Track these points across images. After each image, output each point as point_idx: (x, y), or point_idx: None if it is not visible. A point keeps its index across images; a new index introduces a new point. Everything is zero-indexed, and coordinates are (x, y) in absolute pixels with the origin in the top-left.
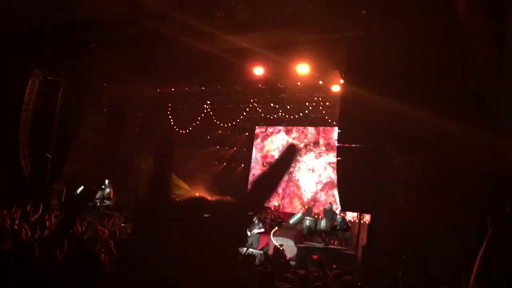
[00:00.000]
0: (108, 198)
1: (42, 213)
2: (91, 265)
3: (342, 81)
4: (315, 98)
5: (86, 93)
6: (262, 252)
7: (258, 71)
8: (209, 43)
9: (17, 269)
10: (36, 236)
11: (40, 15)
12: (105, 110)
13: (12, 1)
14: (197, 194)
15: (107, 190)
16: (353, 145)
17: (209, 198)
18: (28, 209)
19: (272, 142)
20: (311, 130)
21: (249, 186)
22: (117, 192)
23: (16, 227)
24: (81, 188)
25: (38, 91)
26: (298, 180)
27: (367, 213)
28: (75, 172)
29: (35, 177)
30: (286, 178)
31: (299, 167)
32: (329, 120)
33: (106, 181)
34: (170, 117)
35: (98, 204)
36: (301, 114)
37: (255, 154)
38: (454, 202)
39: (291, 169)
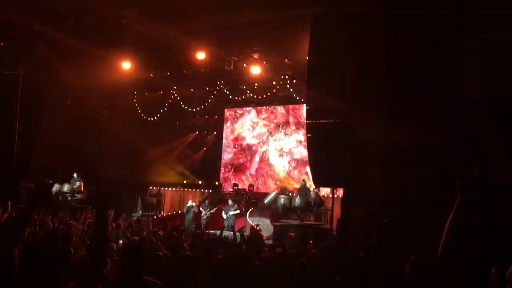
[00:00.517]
0: (79, 192)
1: (11, 212)
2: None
3: (307, 57)
4: (282, 77)
5: (46, 85)
6: (238, 233)
7: (218, 54)
8: (170, 27)
9: None
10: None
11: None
12: (68, 102)
13: None
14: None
15: (77, 183)
16: (322, 121)
17: None
18: None
19: (243, 124)
20: (280, 109)
21: (221, 170)
22: (87, 184)
23: None
24: (66, 185)
25: None
26: (270, 160)
27: (340, 187)
28: (42, 167)
29: (1, 174)
30: (257, 159)
31: (270, 148)
32: (297, 98)
33: (75, 175)
34: (136, 105)
35: (69, 198)
36: (269, 93)
37: (226, 137)
38: (424, 172)
39: (263, 149)
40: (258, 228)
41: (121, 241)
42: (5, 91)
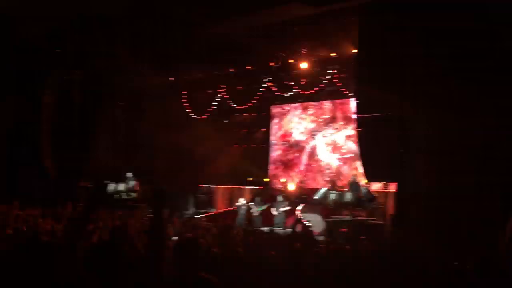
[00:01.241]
0: (134, 190)
1: (72, 211)
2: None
3: (356, 50)
4: (329, 71)
5: (102, 89)
6: (289, 230)
7: (270, 49)
8: (217, 27)
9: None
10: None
11: (52, 17)
12: (122, 104)
13: (26, 4)
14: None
15: (132, 182)
16: (372, 115)
17: None
18: (58, 208)
19: (290, 121)
20: (327, 104)
21: (270, 166)
22: (141, 183)
23: (48, 226)
24: (121, 185)
25: (57, 91)
26: (319, 155)
27: (392, 182)
28: (99, 167)
29: (60, 175)
30: (306, 155)
31: (319, 143)
32: (345, 92)
33: (130, 174)
34: (186, 104)
35: (124, 197)
36: (316, 89)
37: (274, 134)
38: (480, 168)
39: (312, 145)
40: (309, 224)
41: (175, 238)
42: (64, 93)
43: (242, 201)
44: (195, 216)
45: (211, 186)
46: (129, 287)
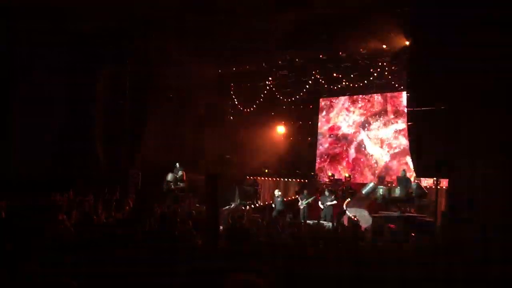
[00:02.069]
0: (181, 180)
1: (120, 197)
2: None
3: (408, 42)
4: (380, 64)
5: (150, 81)
6: (336, 223)
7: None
8: (266, 19)
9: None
10: (115, 218)
11: (102, 15)
12: (170, 96)
13: (77, 4)
14: (266, 171)
15: (180, 172)
16: (424, 108)
17: None
18: (106, 193)
19: (338, 114)
20: (377, 97)
21: (317, 160)
22: (188, 173)
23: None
24: (170, 175)
25: (107, 84)
26: (367, 149)
27: (444, 178)
28: (148, 157)
29: (111, 164)
30: (354, 149)
31: (367, 137)
32: (396, 85)
33: (177, 164)
34: (233, 97)
35: (173, 186)
36: (365, 81)
37: (321, 127)
38: None
39: (360, 139)
40: (356, 219)
41: (221, 227)
42: (114, 86)
43: (277, 192)
44: (241, 207)
45: (256, 177)
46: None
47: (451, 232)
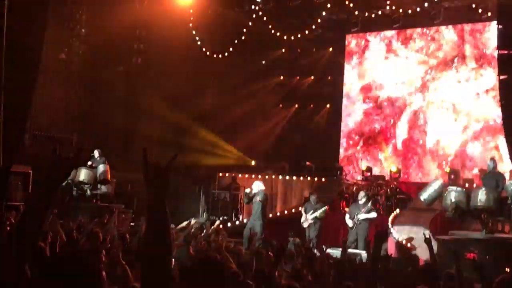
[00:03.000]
0: (104, 181)
1: None
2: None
3: None
4: None
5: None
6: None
7: None
8: None
9: None
10: None
11: None
12: (82, 31)
13: None
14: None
15: (101, 167)
16: None
17: None
18: None
19: (378, 62)
20: (446, 32)
21: (342, 143)
22: (117, 170)
23: None
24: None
25: None
26: (429, 124)
27: None
28: (43, 141)
29: None
30: (407, 123)
31: (429, 103)
32: (479, 11)
33: (97, 152)
34: (194, 32)
35: (89, 192)
36: (426, 5)
37: (350, 86)
38: None
39: (417, 106)
40: (410, 245)
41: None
42: None
43: (257, 186)
44: (208, 226)
45: (237, 175)
46: None
47: None
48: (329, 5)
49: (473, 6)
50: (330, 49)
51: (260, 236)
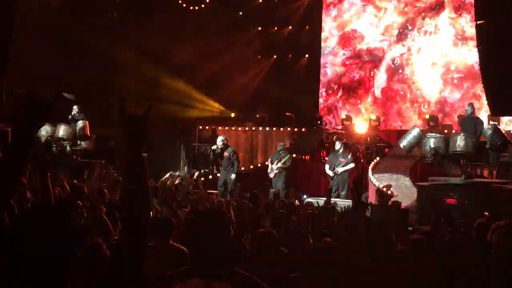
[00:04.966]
0: (83, 137)
1: None
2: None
3: None
4: None
5: None
6: (353, 201)
7: None
8: None
9: None
10: None
11: None
12: None
13: None
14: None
15: (80, 123)
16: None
17: None
18: None
19: (357, 12)
20: None
21: (321, 92)
22: (96, 125)
23: None
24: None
25: None
26: (407, 72)
27: None
28: (20, 97)
29: None
30: (385, 72)
31: (408, 52)
32: None
33: (75, 108)
34: None
35: (68, 148)
36: None
37: (329, 36)
38: None
39: (396, 55)
40: (390, 192)
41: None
42: None
43: (220, 140)
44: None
45: (216, 127)
46: None
47: None
48: None
49: None
50: None
51: (234, 188)
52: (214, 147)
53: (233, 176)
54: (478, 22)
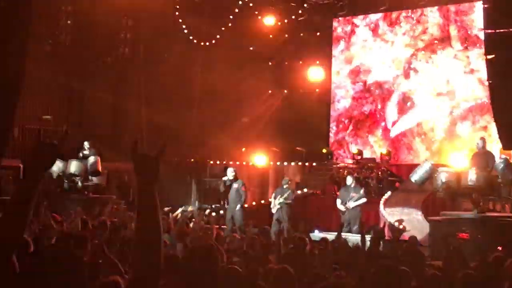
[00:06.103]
0: (95, 172)
1: None
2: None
3: None
4: None
5: None
6: (367, 236)
7: None
8: None
9: None
10: None
11: None
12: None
13: None
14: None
15: (91, 158)
16: None
17: None
18: None
19: (365, 47)
20: (432, 14)
21: (332, 127)
22: (108, 160)
23: None
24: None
25: None
26: (417, 106)
27: None
28: (33, 133)
29: None
30: (396, 106)
31: (417, 85)
32: None
33: (86, 144)
34: (180, 21)
35: (80, 184)
36: None
37: (339, 70)
38: None
39: (405, 89)
40: (402, 226)
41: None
42: None
43: (230, 172)
44: (201, 214)
45: (228, 162)
46: None
47: None
48: None
49: None
50: (318, 33)
51: (241, 222)
52: (224, 178)
53: (238, 207)
54: (488, 57)
